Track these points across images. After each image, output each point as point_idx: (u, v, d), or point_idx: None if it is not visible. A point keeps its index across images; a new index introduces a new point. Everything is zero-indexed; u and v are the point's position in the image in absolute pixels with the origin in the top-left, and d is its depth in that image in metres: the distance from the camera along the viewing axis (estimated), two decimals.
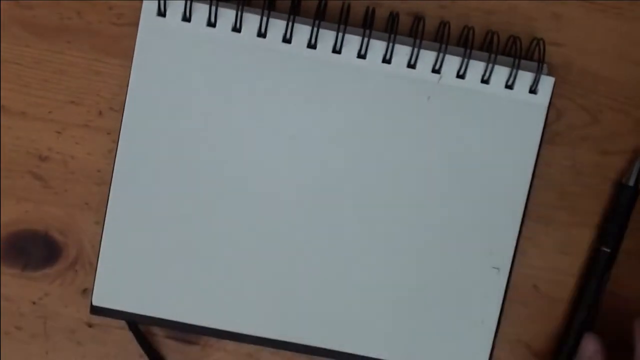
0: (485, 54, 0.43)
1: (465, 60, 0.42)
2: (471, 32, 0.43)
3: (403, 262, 0.44)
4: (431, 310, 0.44)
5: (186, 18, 0.42)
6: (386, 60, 0.43)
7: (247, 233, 0.43)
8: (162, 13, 0.42)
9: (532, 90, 0.43)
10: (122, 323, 0.44)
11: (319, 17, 0.42)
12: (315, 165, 0.43)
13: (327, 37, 0.42)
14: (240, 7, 0.42)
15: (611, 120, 0.45)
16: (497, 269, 0.44)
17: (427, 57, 0.43)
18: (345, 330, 0.44)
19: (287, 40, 0.43)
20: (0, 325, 0.45)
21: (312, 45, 0.43)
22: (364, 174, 0.43)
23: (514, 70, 0.43)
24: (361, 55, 0.43)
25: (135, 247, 0.43)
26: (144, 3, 0.42)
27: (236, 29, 0.43)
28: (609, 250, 0.44)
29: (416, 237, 0.44)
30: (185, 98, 0.43)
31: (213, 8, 0.42)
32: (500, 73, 0.43)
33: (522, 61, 0.43)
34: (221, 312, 0.43)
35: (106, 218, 0.43)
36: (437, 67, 0.43)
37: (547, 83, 0.43)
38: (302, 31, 0.42)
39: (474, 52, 0.43)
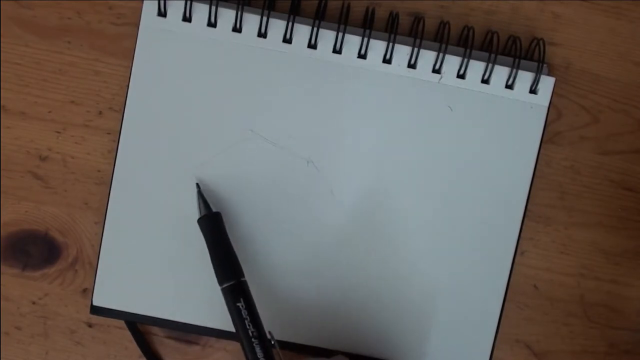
0: (485, 54, 0.43)
1: (465, 60, 0.42)
2: (471, 32, 0.43)
3: (402, 262, 0.44)
4: (431, 311, 0.44)
5: (186, 18, 0.42)
6: (386, 60, 0.43)
7: (246, 232, 0.43)
8: (162, 13, 0.42)
9: (532, 90, 0.43)
10: (122, 323, 0.44)
11: (319, 17, 0.42)
12: (314, 165, 0.43)
13: (327, 37, 0.42)
14: (240, 7, 0.42)
15: (611, 120, 0.45)
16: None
17: (427, 57, 0.43)
18: (345, 330, 0.44)
19: (287, 40, 0.43)
20: (0, 325, 0.45)
21: (312, 45, 0.43)
22: (363, 173, 0.43)
23: (514, 70, 0.43)
24: (361, 55, 0.43)
25: (135, 247, 0.43)
26: (144, 3, 0.42)
27: (236, 29, 0.43)
28: (232, 282, 0.40)
29: (416, 237, 0.44)
30: (185, 98, 0.43)
31: (213, 8, 0.42)
32: (500, 73, 0.43)
33: (522, 61, 0.43)
34: (221, 312, 0.43)
35: (106, 218, 0.43)
36: (437, 67, 0.43)
37: (547, 83, 0.43)
38: (302, 31, 0.42)
39: (474, 52, 0.43)
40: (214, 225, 0.42)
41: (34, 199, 0.44)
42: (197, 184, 0.42)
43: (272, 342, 0.40)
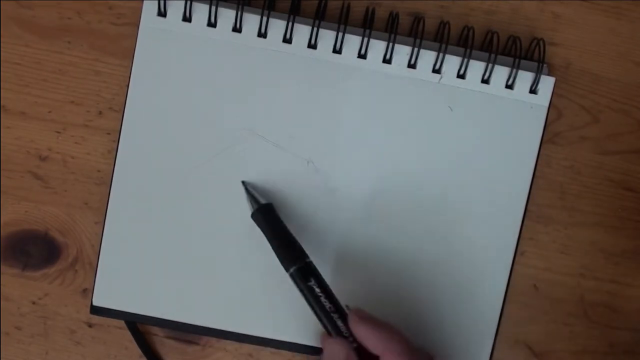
0: (485, 54, 0.43)
1: (465, 60, 0.42)
2: (471, 32, 0.43)
3: (402, 263, 0.44)
4: (431, 311, 0.44)
5: (186, 18, 0.42)
6: (386, 60, 0.43)
7: (246, 233, 0.43)
8: (162, 13, 0.42)
9: (533, 90, 0.43)
10: (122, 323, 0.44)
11: (319, 17, 0.42)
12: (314, 165, 0.43)
13: (327, 37, 0.42)
14: (240, 7, 0.42)
15: (611, 120, 0.45)
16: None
17: (427, 57, 0.43)
18: None
19: (287, 40, 0.42)
20: (0, 325, 0.45)
21: (312, 45, 0.43)
22: (363, 174, 0.43)
23: (514, 70, 0.43)
24: (361, 55, 0.43)
25: (135, 247, 0.43)
26: (144, 3, 0.42)
27: (236, 29, 0.43)
28: (300, 265, 0.40)
29: (415, 238, 0.44)
30: (185, 98, 0.43)
31: (213, 8, 0.42)
32: (500, 73, 0.43)
33: (522, 61, 0.43)
34: (221, 312, 0.43)
35: (106, 218, 0.43)
36: (437, 67, 0.43)
37: (547, 83, 0.43)
38: (302, 31, 0.42)
39: (474, 52, 0.43)
40: (268, 216, 0.42)
41: (34, 199, 0.44)
42: (243, 182, 0.43)
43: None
